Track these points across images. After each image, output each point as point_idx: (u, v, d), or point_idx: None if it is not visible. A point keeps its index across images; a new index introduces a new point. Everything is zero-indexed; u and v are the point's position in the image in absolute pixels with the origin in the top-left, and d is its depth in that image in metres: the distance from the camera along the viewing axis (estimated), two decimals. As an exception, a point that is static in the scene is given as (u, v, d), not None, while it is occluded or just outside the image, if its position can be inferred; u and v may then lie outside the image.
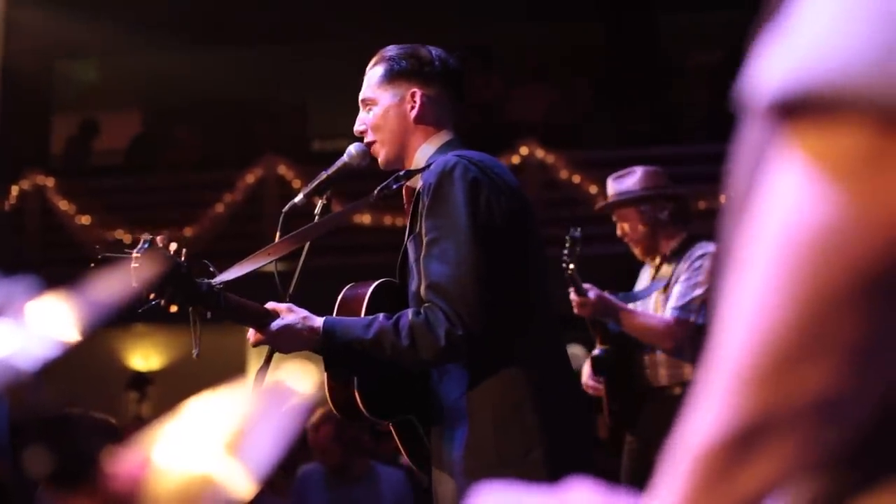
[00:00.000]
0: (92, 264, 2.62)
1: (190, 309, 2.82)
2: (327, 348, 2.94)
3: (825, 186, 0.71)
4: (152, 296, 2.72)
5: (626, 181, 4.81)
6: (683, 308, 4.55)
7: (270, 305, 2.96)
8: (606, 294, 4.58)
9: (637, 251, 4.85)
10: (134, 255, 2.68)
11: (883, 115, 0.69)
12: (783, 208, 0.72)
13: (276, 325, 2.93)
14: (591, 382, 4.82)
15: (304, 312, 2.95)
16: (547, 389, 2.94)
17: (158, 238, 2.75)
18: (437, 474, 3.04)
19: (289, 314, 2.94)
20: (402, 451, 3.19)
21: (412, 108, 3.12)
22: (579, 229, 4.65)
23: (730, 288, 0.76)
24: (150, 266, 2.67)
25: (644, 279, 4.92)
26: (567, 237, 4.61)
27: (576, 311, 4.60)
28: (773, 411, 0.73)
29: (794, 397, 0.73)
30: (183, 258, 2.78)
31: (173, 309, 2.76)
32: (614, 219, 4.87)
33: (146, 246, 2.70)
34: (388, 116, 3.13)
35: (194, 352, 2.86)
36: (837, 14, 0.71)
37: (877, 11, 0.70)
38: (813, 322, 0.71)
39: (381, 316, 2.90)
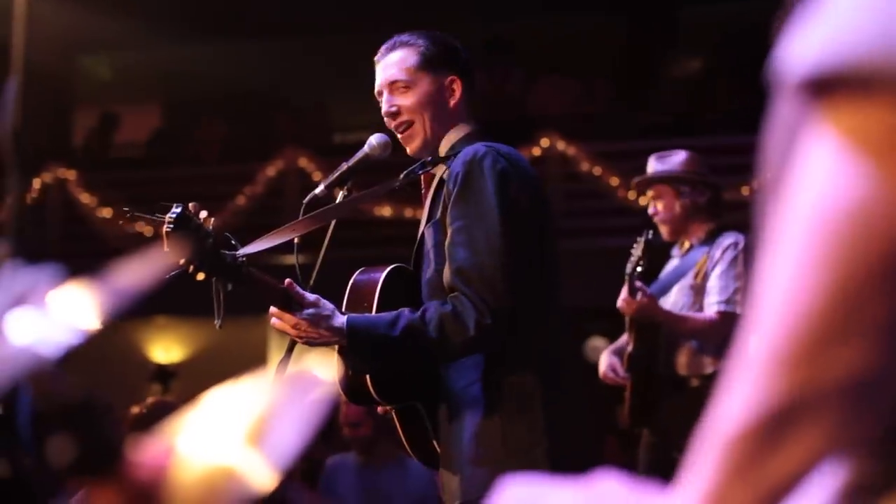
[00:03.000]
0: (123, 222, 2.63)
1: (213, 280, 2.82)
2: (352, 347, 2.92)
3: (858, 163, 0.70)
4: (181, 261, 2.73)
5: (670, 160, 4.82)
6: (728, 301, 4.56)
7: (298, 291, 2.94)
8: (653, 298, 4.59)
9: (665, 230, 4.84)
10: (166, 219, 2.69)
11: None
12: (816, 186, 0.72)
13: (300, 315, 2.91)
14: (609, 374, 4.83)
15: (327, 310, 2.93)
16: (554, 383, 2.95)
17: (190, 205, 2.76)
18: (444, 460, 3.04)
19: (311, 308, 2.93)
20: (402, 439, 3.18)
21: (450, 95, 3.12)
22: (652, 231, 4.68)
23: (763, 269, 0.75)
24: (181, 232, 2.68)
25: (672, 264, 4.92)
26: (639, 238, 4.64)
27: (619, 306, 4.61)
28: (807, 393, 0.72)
29: (827, 378, 0.72)
30: (211, 228, 2.79)
31: (200, 277, 2.76)
32: (650, 195, 4.87)
33: (178, 212, 2.71)
34: (429, 101, 3.11)
35: (217, 322, 2.87)
36: None
37: None
38: (846, 301, 0.70)
39: (405, 311, 2.89)
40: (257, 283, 2.90)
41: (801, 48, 0.72)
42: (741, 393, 0.75)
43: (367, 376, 2.96)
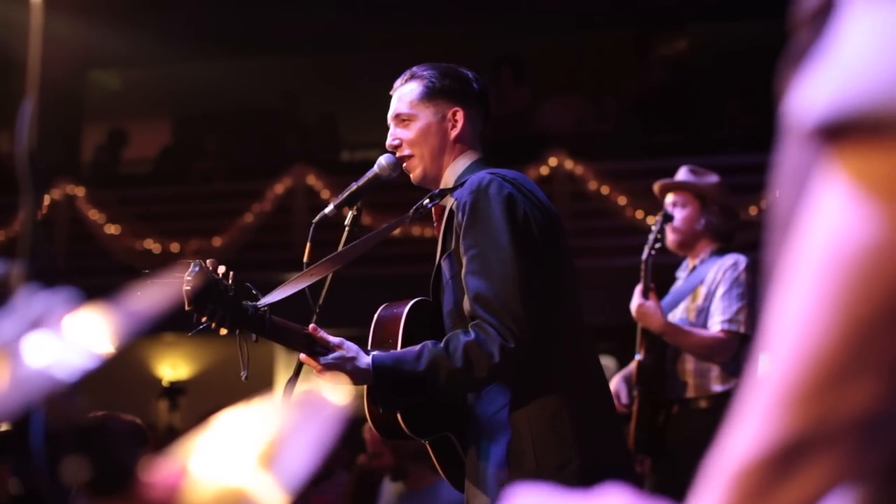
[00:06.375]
0: (140, 280, 2.64)
1: (237, 332, 2.84)
2: (380, 386, 2.92)
3: (867, 207, 0.71)
4: (203, 319, 2.75)
5: (706, 177, 4.85)
6: (731, 321, 4.56)
7: (322, 336, 2.96)
8: (663, 314, 4.59)
9: (674, 240, 4.84)
10: (185, 278, 2.71)
11: None
12: (826, 228, 0.73)
13: (324, 361, 2.93)
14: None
15: (352, 351, 2.94)
16: (582, 401, 2.95)
17: (208, 262, 2.77)
18: (471, 488, 3.04)
19: (335, 352, 2.94)
20: (438, 469, 3.19)
21: (453, 126, 3.14)
22: (665, 213, 4.72)
23: (774, 306, 0.76)
24: (199, 290, 2.70)
25: (677, 285, 4.91)
26: (658, 217, 4.71)
27: (633, 311, 4.61)
28: (816, 428, 0.73)
29: (836, 414, 0.73)
30: (230, 282, 2.80)
31: (223, 332, 2.78)
32: (671, 201, 4.86)
33: (196, 269, 2.73)
34: (428, 133, 3.14)
35: (243, 374, 2.87)
36: (878, 39, 0.71)
37: None
38: (855, 340, 0.71)
39: (428, 344, 2.90)
40: (281, 331, 2.92)
41: (812, 94, 0.73)
42: (750, 427, 0.76)
43: (398, 413, 2.96)
